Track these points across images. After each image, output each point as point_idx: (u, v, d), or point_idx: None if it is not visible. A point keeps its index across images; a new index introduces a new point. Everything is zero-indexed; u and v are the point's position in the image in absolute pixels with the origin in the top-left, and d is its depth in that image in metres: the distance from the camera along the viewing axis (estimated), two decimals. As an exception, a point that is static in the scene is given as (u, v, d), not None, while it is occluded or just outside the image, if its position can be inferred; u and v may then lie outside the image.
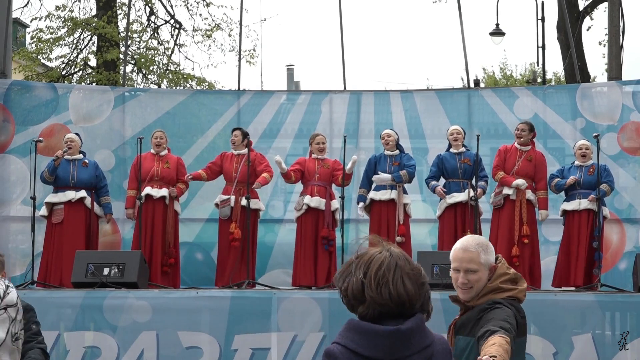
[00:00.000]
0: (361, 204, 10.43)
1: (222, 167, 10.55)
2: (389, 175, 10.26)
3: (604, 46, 18.12)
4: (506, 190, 10.10)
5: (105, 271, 9.08)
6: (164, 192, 10.38)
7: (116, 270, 9.09)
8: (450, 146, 10.48)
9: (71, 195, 10.20)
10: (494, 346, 3.61)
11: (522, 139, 10.27)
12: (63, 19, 18.65)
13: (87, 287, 8.98)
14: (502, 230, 10.10)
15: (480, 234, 10.15)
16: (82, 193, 10.22)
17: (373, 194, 10.34)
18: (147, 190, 10.31)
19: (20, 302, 4.21)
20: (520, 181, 10.05)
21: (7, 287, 4.17)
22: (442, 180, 10.45)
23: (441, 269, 8.80)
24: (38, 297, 9.05)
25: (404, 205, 10.31)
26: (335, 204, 10.32)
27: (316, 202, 10.28)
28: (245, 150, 10.42)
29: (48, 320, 8.65)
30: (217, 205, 10.48)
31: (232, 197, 10.30)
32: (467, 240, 4.09)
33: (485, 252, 4.04)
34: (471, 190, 10.06)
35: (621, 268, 10.97)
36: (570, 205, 9.96)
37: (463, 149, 10.40)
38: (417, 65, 51.30)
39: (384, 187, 10.32)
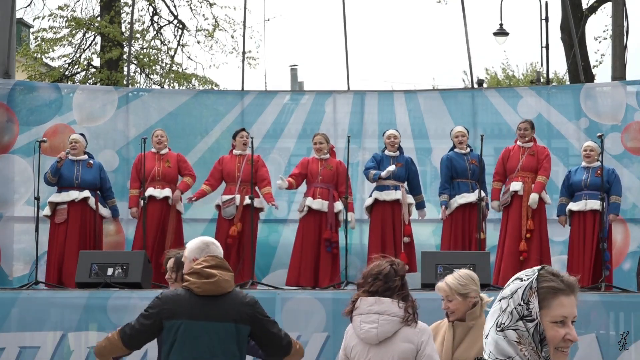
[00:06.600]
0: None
1: (223, 171, 10.54)
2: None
3: (600, 42, 18.17)
4: (513, 187, 10.09)
5: (109, 271, 9.08)
6: (166, 192, 10.36)
7: (120, 270, 9.08)
8: (454, 147, 10.47)
9: (74, 195, 10.17)
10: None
11: (526, 138, 10.30)
12: (66, 19, 18.66)
13: (91, 287, 8.97)
14: (510, 226, 10.09)
15: (485, 234, 10.17)
16: (86, 193, 10.18)
17: (377, 194, 10.31)
18: (150, 191, 10.29)
19: None
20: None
21: None
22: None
23: (445, 269, 8.77)
24: (42, 297, 9.07)
25: (407, 206, 10.29)
26: (339, 205, 10.30)
27: (318, 204, 10.20)
28: (246, 151, 10.46)
29: (52, 321, 8.68)
30: (218, 206, 10.44)
31: (237, 197, 10.29)
32: None
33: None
34: (480, 191, 10.06)
35: (625, 268, 10.96)
36: (577, 206, 9.94)
37: (468, 150, 10.42)
38: (420, 65, 51.31)
39: (388, 187, 10.30)
